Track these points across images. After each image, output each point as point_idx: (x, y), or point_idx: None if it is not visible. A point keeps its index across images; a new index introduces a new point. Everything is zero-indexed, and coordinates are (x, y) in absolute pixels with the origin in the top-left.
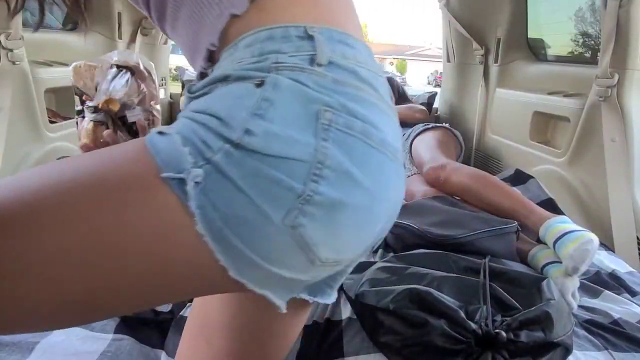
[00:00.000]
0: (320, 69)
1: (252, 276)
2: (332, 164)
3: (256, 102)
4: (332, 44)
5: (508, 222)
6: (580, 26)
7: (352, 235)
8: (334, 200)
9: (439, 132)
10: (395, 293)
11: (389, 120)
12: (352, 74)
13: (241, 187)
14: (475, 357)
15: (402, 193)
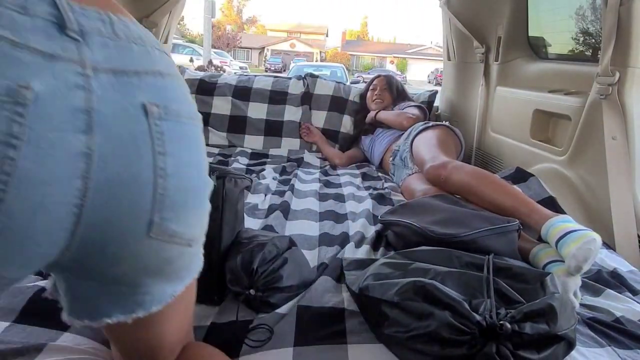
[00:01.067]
0: None
1: None
2: None
3: None
4: None
5: (510, 220)
6: (581, 24)
7: None
8: None
9: (440, 131)
10: (400, 286)
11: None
12: None
13: None
14: (480, 348)
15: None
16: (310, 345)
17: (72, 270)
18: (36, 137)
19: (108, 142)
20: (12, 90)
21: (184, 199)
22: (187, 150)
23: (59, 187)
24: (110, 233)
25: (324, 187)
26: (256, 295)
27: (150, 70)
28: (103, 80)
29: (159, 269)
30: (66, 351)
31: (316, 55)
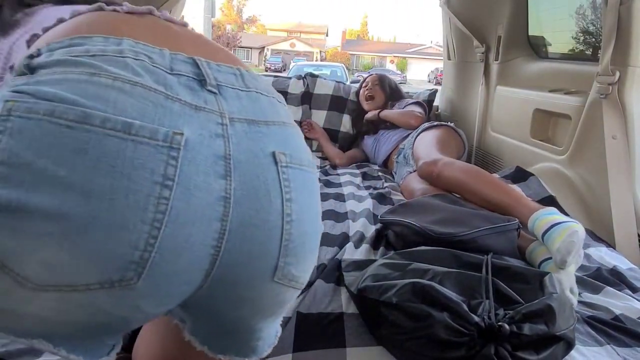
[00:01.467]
0: (13, 72)
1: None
2: (4, 158)
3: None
4: (52, 53)
5: (510, 219)
6: (581, 23)
7: (63, 243)
8: (11, 201)
9: (441, 131)
10: (398, 287)
11: (113, 92)
12: (57, 63)
13: None
14: (478, 349)
15: (162, 177)
16: (309, 350)
17: (195, 310)
18: (186, 180)
19: (242, 187)
20: (169, 136)
21: (303, 244)
22: (308, 196)
23: (201, 229)
24: (241, 276)
25: (324, 187)
26: None
27: (277, 121)
28: (238, 129)
29: (273, 311)
30: None
31: (316, 54)
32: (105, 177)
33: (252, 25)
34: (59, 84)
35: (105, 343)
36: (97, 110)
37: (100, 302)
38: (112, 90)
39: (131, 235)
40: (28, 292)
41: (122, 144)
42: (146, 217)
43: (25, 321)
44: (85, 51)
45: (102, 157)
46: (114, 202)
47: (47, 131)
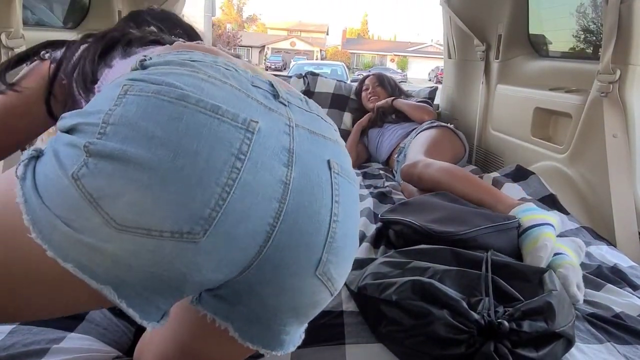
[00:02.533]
0: (139, 69)
1: (55, 241)
2: (116, 120)
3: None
4: (165, 56)
5: (509, 217)
6: (582, 22)
7: (147, 189)
8: (114, 150)
9: (438, 131)
10: (398, 285)
11: (207, 84)
12: (166, 63)
13: (51, 152)
14: (478, 347)
15: (229, 153)
16: (308, 347)
17: (238, 294)
18: (255, 157)
19: (301, 179)
20: (246, 121)
21: (345, 246)
22: (351, 205)
23: (262, 203)
24: (288, 260)
25: None
26: None
27: (331, 138)
28: (302, 133)
29: (306, 311)
30: (70, 353)
31: (316, 53)
32: (192, 141)
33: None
34: (167, 75)
35: (159, 307)
36: (194, 94)
37: (167, 252)
38: (206, 83)
39: (205, 193)
40: (111, 231)
41: (209, 119)
42: (220, 180)
43: (102, 261)
44: (188, 57)
45: (193, 126)
46: (196, 162)
47: (152, 103)
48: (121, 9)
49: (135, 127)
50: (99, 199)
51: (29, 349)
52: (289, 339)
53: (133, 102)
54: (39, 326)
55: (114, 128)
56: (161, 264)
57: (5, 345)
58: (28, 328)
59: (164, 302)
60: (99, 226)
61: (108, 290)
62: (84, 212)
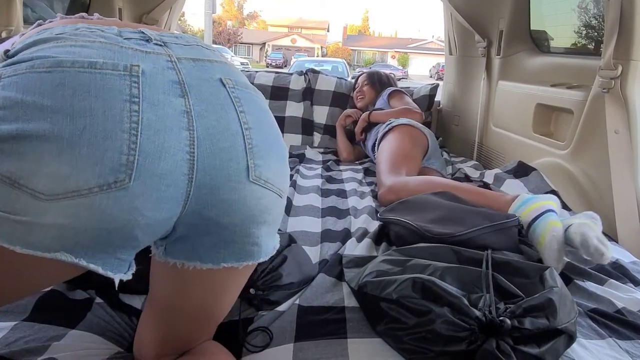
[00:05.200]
0: (7, 59)
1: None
2: (3, 104)
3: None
4: (26, 41)
5: (509, 216)
6: (584, 18)
7: (61, 156)
8: (11, 131)
9: (395, 135)
10: (398, 282)
11: (76, 48)
12: (31, 44)
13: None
14: (480, 344)
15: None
16: (310, 340)
17: (195, 226)
18: (149, 97)
19: (200, 103)
20: (127, 67)
21: (268, 149)
22: (259, 111)
23: (173, 135)
24: (219, 178)
25: (326, 183)
26: (256, 294)
27: (218, 60)
28: (186, 64)
29: (262, 217)
30: (71, 349)
31: (317, 50)
32: (83, 100)
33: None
34: (35, 52)
35: (120, 258)
36: (67, 57)
37: (104, 206)
38: (76, 47)
39: (115, 142)
40: (43, 204)
41: (91, 76)
42: (123, 126)
43: (47, 233)
44: (50, 32)
45: (78, 87)
46: (94, 118)
47: (30, 78)
48: (121, 7)
49: (22, 104)
50: (19, 179)
51: (30, 346)
52: (257, 249)
53: (10, 83)
54: (41, 323)
55: (5, 112)
56: (103, 217)
57: (6, 342)
58: (29, 325)
59: (123, 252)
60: (30, 203)
61: (63, 256)
62: (10, 195)
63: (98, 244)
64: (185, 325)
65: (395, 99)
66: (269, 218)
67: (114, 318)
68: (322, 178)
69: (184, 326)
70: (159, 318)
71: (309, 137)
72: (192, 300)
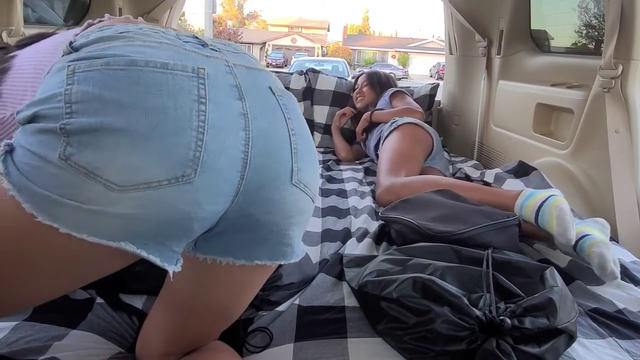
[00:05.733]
0: (72, 52)
1: (65, 217)
2: (78, 98)
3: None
4: (88, 36)
5: (510, 214)
6: (584, 17)
7: (135, 149)
8: (91, 124)
9: (399, 134)
10: (399, 282)
11: (146, 48)
12: (96, 40)
13: (23, 145)
14: (480, 343)
15: (188, 95)
16: (310, 339)
17: (235, 222)
18: (214, 98)
19: (255, 106)
20: (195, 69)
21: (308, 154)
22: (300, 118)
23: (231, 135)
24: (266, 177)
25: (326, 183)
26: (257, 294)
27: (263, 69)
28: (241, 70)
29: (297, 219)
30: (72, 349)
31: (318, 50)
32: (157, 98)
33: (253, 21)
34: (107, 49)
35: (174, 250)
36: (140, 57)
37: (170, 198)
38: (145, 47)
39: (184, 139)
40: (115, 194)
41: (164, 76)
42: (192, 124)
43: (114, 222)
44: (114, 30)
45: (152, 85)
46: (167, 115)
47: (106, 74)
48: (122, 6)
49: (101, 99)
50: (95, 170)
51: (31, 345)
52: (290, 250)
53: (86, 78)
54: (42, 323)
55: (80, 106)
56: (167, 209)
57: (8, 342)
58: (31, 324)
59: (177, 244)
60: (102, 193)
61: (127, 245)
62: (85, 185)
63: (159, 235)
64: (202, 323)
65: (397, 99)
66: (302, 220)
67: (115, 318)
68: (322, 178)
69: (199, 324)
70: (174, 316)
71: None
72: (214, 296)
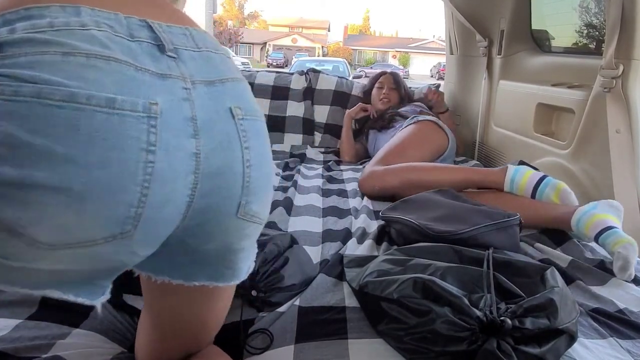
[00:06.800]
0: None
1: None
2: (2, 139)
3: None
4: (14, 27)
5: (510, 214)
6: (585, 17)
7: (68, 210)
8: (15, 178)
9: (415, 128)
10: (399, 282)
11: (90, 70)
12: (25, 41)
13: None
14: (480, 344)
15: (147, 144)
16: (311, 341)
17: (173, 248)
18: (165, 144)
19: (210, 143)
20: (146, 106)
21: (261, 184)
22: (261, 143)
23: (180, 183)
24: (210, 215)
25: (327, 183)
26: (258, 296)
27: (230, 77)
28: (200, 91)
29: (241, 245)
30: (74, 348)
31: (318, 50)
32: (100, 149)
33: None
34: (38, 66)
35: (103, 286)
36: (81, 89)
37: (105, 253)
38: (89, 69)
39: (127, 196)
40: (42, 252)
41: (109, 118)
42: (137, 179)
43: (39, 276)
44: (49, 25)
45: (94, 132)
46: (110, 170)
47: (38, 112)
48: None
49: (30, 147)
50: (19, 228)
51: (34, 343)
52: (230, 272)
53: (11, 113)
54: (46, 321)
55: (7, 151)
56: (101, 261)
57: (10, 339)
58: (34, 323)
59: (107, 281)
60: (27, 251)
61: (52, 293)
62: (7, 242)
63: (88, 279)
64: (179, 337)
65: None
66: (247, 244)
67: (117, 318)
68: (323, 178)
69: (178, 338)
70: (154, 330)
71: (310, 137)
72: (178, 312)
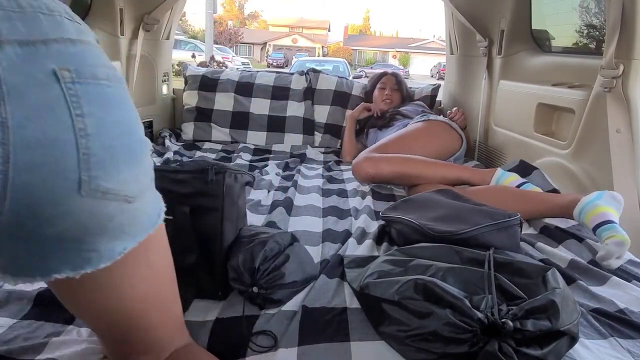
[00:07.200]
0: None
1: None
2: None
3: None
4: None
5: (511, 214)
6: (585, 17)
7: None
8: None
9: (424, 125)
10: (400, 284)
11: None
12: None
13: None
14: (482, 345)
15: None
16: (313, 344)
17: (12, 234)
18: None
19: (22, 110)
20: None
21: (111, 157)
22: (109, 110)
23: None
24: (40, 194)
25: (327, 183)
26: (259, 292)
27: (60, 38)
28: (9, 53)
29: (101, 226)
30: (69, 346)
31: (318, 50)
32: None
33: (253, 21)
34: None
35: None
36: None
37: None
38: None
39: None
40: None
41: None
42: None
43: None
44: None
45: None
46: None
47: None
48: (122, 7)
49: None
50: None
51: (28, 343)
52: (96, 255)
53: None
54: (39, 320)
55: None
56: None
57: (5, 339)
58: (28, 322)
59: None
60: None
61: None
62: None
63: None
64: (115, 337)
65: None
66: (110, 226)
67: None
68: (323, 178)
69: (114, 338)
70: (90, 323)
71: (310, 137)
72: (87, 312)
